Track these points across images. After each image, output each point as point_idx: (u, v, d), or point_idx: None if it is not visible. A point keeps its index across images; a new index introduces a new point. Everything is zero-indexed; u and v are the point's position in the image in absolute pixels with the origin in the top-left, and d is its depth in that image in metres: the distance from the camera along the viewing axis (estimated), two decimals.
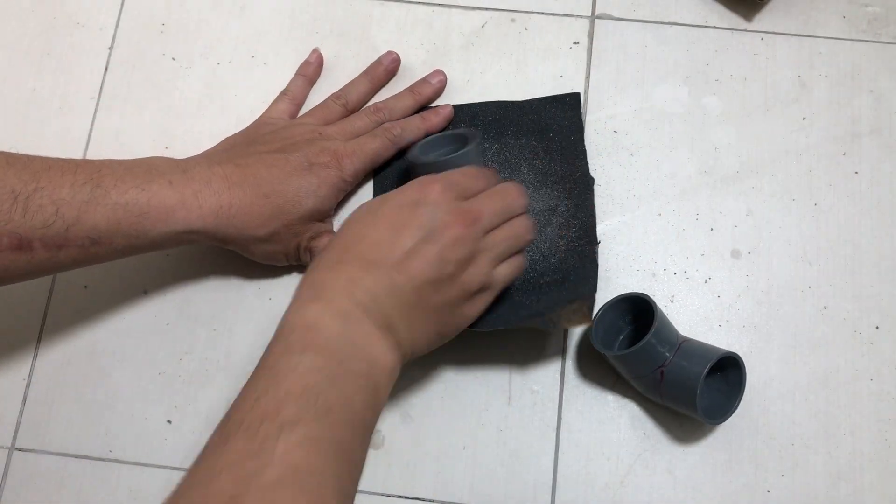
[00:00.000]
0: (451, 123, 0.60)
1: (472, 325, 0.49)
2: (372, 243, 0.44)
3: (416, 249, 0.43)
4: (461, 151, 0.52)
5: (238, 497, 0.34)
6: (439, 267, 0.44)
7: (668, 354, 0.50)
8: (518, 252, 0.49)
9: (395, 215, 0.45)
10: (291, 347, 0.40)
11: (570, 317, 0.51)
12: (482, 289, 0.47)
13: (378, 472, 0.54)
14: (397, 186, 0.54)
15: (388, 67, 0.61)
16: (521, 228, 0.49)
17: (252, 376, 0.40)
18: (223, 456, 0.36)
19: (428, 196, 0.45)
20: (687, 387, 0.49)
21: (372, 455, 0.54)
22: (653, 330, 0.49)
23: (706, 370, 0.48)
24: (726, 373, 0.52)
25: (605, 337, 0.53)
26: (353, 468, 0.39)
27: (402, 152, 0.58)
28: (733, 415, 0.51)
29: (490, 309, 0.50)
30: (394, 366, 0.43)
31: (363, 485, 0.53)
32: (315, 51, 0.62)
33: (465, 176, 0.49)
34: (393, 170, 0.59)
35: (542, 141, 0.59)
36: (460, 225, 0.44)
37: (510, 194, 0.49)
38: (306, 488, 0.35)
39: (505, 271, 0.48)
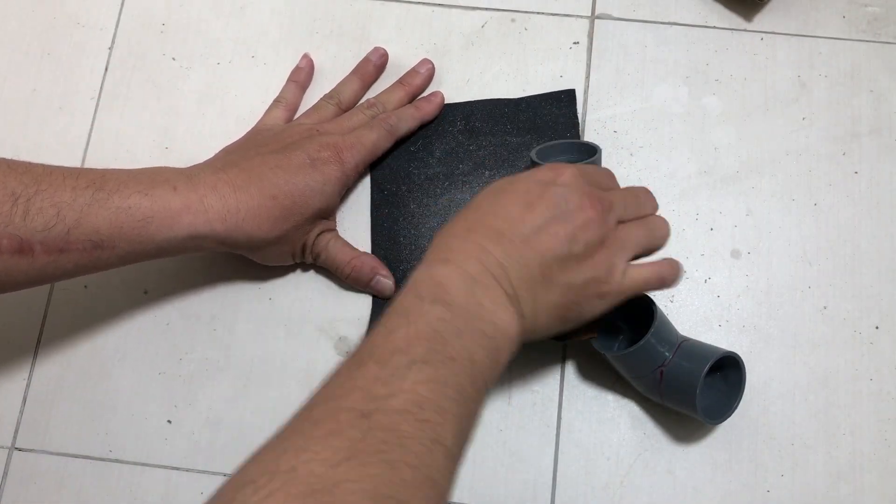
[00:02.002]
0: (448, 123, 0.60)
1: None
2: (503, 217, 0.44)
3: (546, 226, 0.44)
4: (586, 160, 0.52)
5: (369, 414, 0.35)
6: (568, 246, 0.43)
7: (667, 354, 0.50)
8: (650, 255, 0.48)
9: (527, 192, 0.45)
10: (422, 296, 0.41)
11: (577, 330, 0.51)
12: (611, 281, 0.45)
13: None
14: (395, 180, 0.55)
15: (377, 63, 0.61)
16: (657, 224, 0.48)
17: (384, 316, 0.41)
18: (355, 378, 0.37)
19: (560, 177, 0.45)
20: (687, 387, 0.49)
21: None
22: (652, 330, 0.49)
23: (706, 370, 0.48)
24: (726, 373, 0.52)
25: (604, 337, 0.53)
26: (470, 417, 0.40)
27: (398, 143, 0.59)
28: (733, 415, 0.51)
29: None
30: (515, 334, 0.43)
31: None
32: (305, 56, 0.62)
33: (597, 170, 0.49)
34: (390, 163, 0.59)
35: (537, 137, 0.59)
36: (592, 208, 0.44)
37: (642, 193, 0.49)
38: (428, 421, 0.37)
39: (640, 274, 0.46)
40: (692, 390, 0.48)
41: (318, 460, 0.33)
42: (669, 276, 0.48)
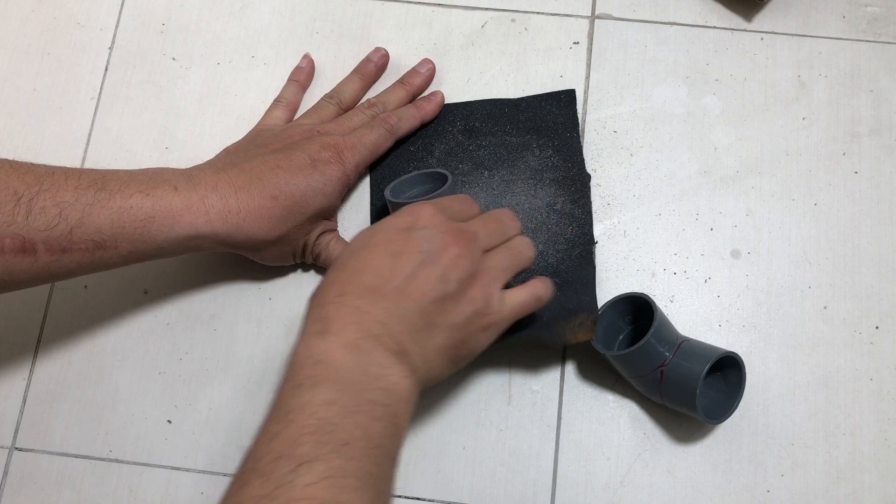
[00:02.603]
0: (447, 123, 0.60)
1: None
2: (372, 272, 0.43)
3: (416, 272, 0.43)
4: (439, 190, 0.52)
5: None
6: (442, 287, 0.43)
7: (667, 354, 0.50)
8: (519, 277, 0.48)
9: (390, 242, 0.44)
10: (302, 384, 0.39)
11: (574, 331, 0.51)
12: (491, 312, 0.45)
13: None
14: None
15: (377, 64, 0.62)
16: (521, 247, 0.48)
17: (265, 419, 0.39)
18: (241, 499, 0.35)
19: (420, 220, 0.45)
20: (687, 386, 0.49)
21: None
22: (652, 329, 0.49)
23: (706, 370, 0.48)
24: (726, 373, 0.52)
25: (604, 337, 0.53)
26: (378, 495, 0.38)
27: (398, 143, 0.59)
28: (733, 415, 0.51)
29: None
30: (410, 392, 0.42)
31: None
32: (306, 56, 0.62)
33: (455, 201, 0.48)
34: (390, 163, 0.59)
35: (537, 137, 0.59)
36: (456, 244, 0.44)
37: (503, 216, 0.49)
38: None
39: (517, 297, 0.47)
40: (692, 390, 0.48)
41: None
42: (544, 293, 0.48)
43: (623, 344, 0.54)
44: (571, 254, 0.55)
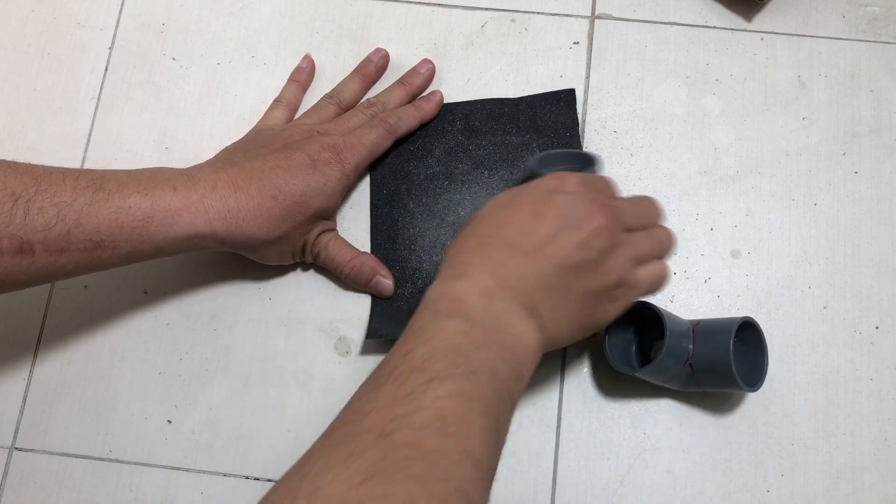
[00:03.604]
0: (447, 122, 0.60)
1: None
2: (515, 229, 0.44)
3: (558, 235, 0.44)
4: (587, 169, 0.52)
5: (390, 433, 0.35)
6: (582, 253, 0.43)
7: (689, 347, 0.50)
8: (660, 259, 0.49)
9: (534, 203, 0.45)
10: (439, 312, 0.41)
11: None
12: (623, 286, 0.46)
13: None
14: (395, 179, 0.55)
15: (378, 64, 0.62)
16: (663, 235, 0.49)
17: (400, 338, 0.41)
18: (374, 400, 0.37)
19: (565, 186, 0.45)
20: (721, 369, 0.48)
21: None
22: (666, 337, 0.49)
23: (731, 349, 0.48)
24: (741, 335, 0.51)
25: (620, 356, 0.52)
26: (498, 428, 0.39)
27: (397, 143, 0.59)
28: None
29: None
30: (537, 346, 0.43)
31: None
32: (307, 56, 0.62)
33: (601, 179, 0.49)
34: (390, 162, 0.59)
35: (537, 137, 0.59)
36: (602, 215, 0.44)
37: (650, 203, 0.49)
38: (453, 434, 0.36)
39: (649, 273, 0.47)
40: (727, 371, 0.48)
41: (340, 481, 0.33)
42: (668, 273, 0.49)
43: (637, 354, 0.54)
44: None
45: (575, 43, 0.62)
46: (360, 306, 0.57)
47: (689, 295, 0.56)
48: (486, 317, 0.41)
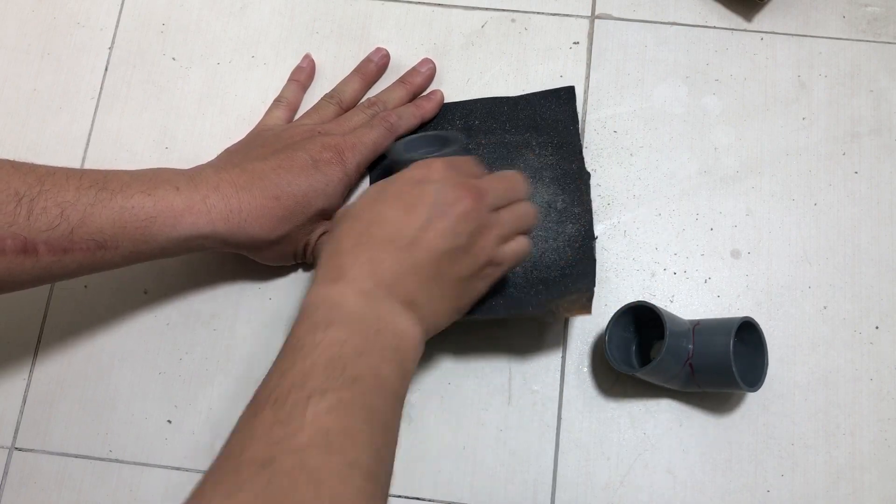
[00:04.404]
0: (446, 122, 0.60)
1: (471, 312, 0.49)
2: (388, 224, 0.45)
3: (429, 225, 0.44)
4: (448, 149, 0.52)
5: (270, 461, 0.35)
6: (453, 240, 0.44)
7: (689, 346, 0.50)
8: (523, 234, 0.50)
9: (403, 195, 0.46)
10: (316, 324, 0.41)
11: (569, 307, 0.51)
12: (491, 264, 0.47)
13: None
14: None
15: (378, 64, 0.62)
16: (525, 210, 0.50)
17: (279, 355, 0.41)
18: (254, 428, 0.37)
19: (432, 174, 0.46)
20: (721, 369, 0.49)
21: None
22: (666, 337, 0.49)
23: (731, 347, 0.48)
24: (741, 336, 0.51)
25: (620, 356, 0.53)
26: (386, 433, 0.39)
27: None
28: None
29: (489, 298, 0.50)
30: (419, 339, 0.44)
31: None
32: (307, 56, 0.62)
33: (465, 161, 0.49)
34: (388, 162, 0.59)
35: (536, 135, 0.59)
36: (468, 199, 0.45)
37: (513, 178, 0.50)
38: (338, 449, 0.36)
39: (512, 248, 0.48)
40: (727, 371, 0.48)
41: None
42: (529, 247, 0.50)
43: (637, 354, 0.54)
44: (572, 250, 0.55)
45: (575, 43, 0.62)
46: None
47: (689, 295, 0.56)
48: (365, 319, 0.41)
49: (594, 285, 0.52)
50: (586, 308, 0.51)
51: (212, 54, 0.64)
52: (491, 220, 0.47)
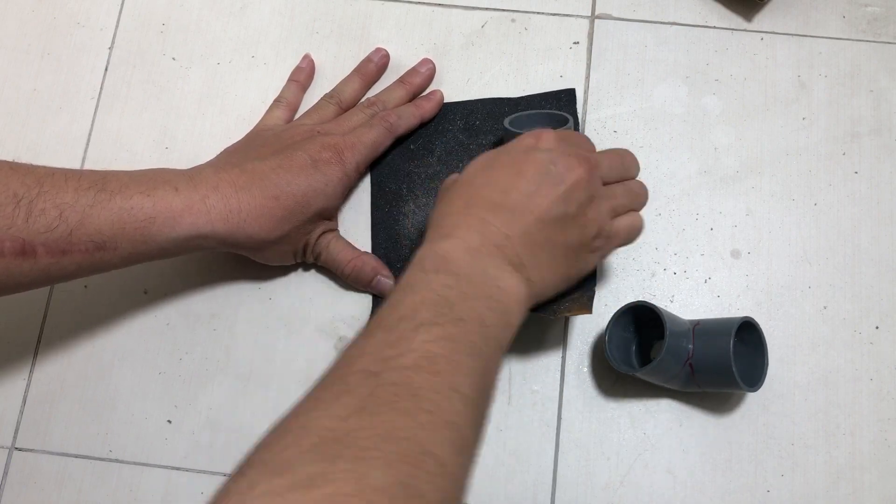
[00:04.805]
0: (447, 122, 0.60)
1: None
2: (497, 188, 0.45)
3: (539, 191, 0.45)
4: (561, 128, 0.52)
5: (377, 374, 0.36)
6: (564, 206, 0.45)
7: (689, 346, 0.50)
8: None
9: (514, 162, 0.46)
10: (426, 269, 0.42)
11: (570, 306, 0.51)
12: (601, 236, 0.47)
13: None
14: (395, 179, 0.55)
15: (378, 64, 0.62)
16: (638, 187, 0.50)
17: (390, 294, 0.42)
18: (364, 346, 0.38)
19: (542, 142, 0.46)
20: (720, 370, 0.49)
21: None
22: (666, 337, 0.49)
23: (731, 350, 0.48)
24: (741, 336, 0.51)
25: (620, 356, 0.53)
26: (486, 371, 0.40)
27: (398, 142, 0.59)
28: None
29: None
30: (524, 298, 0.44)
31: None
32: (306, 56, 0.62)
33: (577, 134, 0.50)
34: (390, 162, 0.59)
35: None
36: (580, 169, 0.45)
37: (627, 156, 0.50)
38: (441, 371, 0.37)
39: (625, 223, 0.49)
40: (727, 370, 0.48)
41: (328, 415, 0.34)
42: (642, 224, 0.51)
43: (637, 354, 0.54)
44: None
45: (575, 43, 0.62)
46: (360, 306, 0.57)
47: (689, 295, 0.56)
48: (471, 272, 0.42)
49: (595, 285, 0.52)
50: (587, 307, 0.51)
51: (212, 54, 0.64)
52: (602, 192, 0.47)
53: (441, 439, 0.34)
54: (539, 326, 0.56)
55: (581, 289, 0.51)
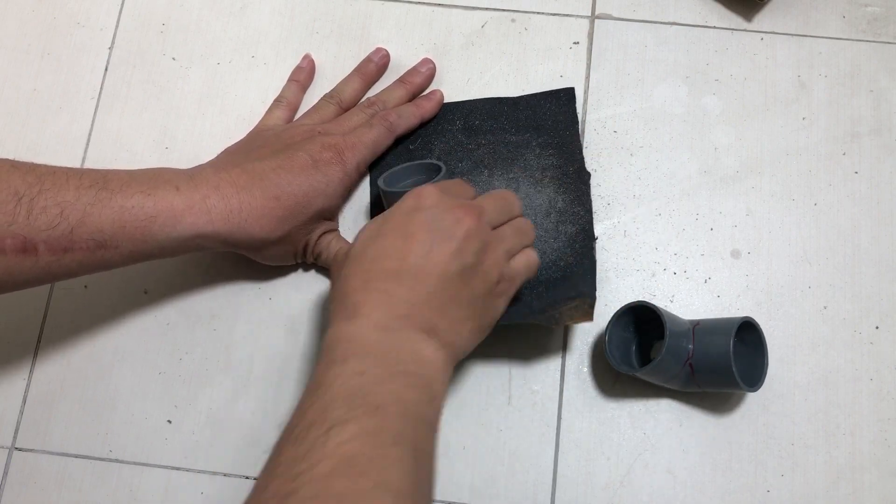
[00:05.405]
0: (446, 121, 0.60)
1: None
2: (391, 256, 0.44)
3: (433, 249, 0.44)
4: (435, 179, 0.52)
5: (292, 493, 0.34)
6: (461, 259, 0.44)
7: (689, 346, 0.50)
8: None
9: (401, 226, 0.45)
10: (334, 360, 0.40)
11: (571, 314, 0.51)
12: (503, 280, 0.47)
13: None
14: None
15: (378, 64, 0.62)
16: (524, 225, 0.49)
17: (300, 398, 0.40)
18: (275, 467, 0.36)
19: (424, 200, 0.45)
20: (720, 370, 0.49)
21: None
22: (666, 337, 0.49)
23: (731, 350, 0.48)
24: (741, 336, 0.51)
25: (620, 356, 0.53)
26: (418, 458, 0.38)
27: (398, 141, 0.59)
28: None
29: None
30: (444, 363, 0.43)
31: None
32: (307, 56, 0.62)
33: (453, 183, 0.49)
34: (390, 162, 0.59)
35: (537, 136, 0.59)
36: (467, 218, 0.45)
37: (506, 195, 0.50)
38: (363, 472, 0.35)
39: (522, 261, 0.48)
40: (727, 370, 0.48)
41: None
42: (536, 259, 0.50)
43: (637, 354, 0.54)
44: (572, 250, 0.55)
45: (575, 43, 0.62)
46: None
47: (689, 295, 0.56)
48: (383, 350, 0.41)
49: (595, 291, 0.52)
50: (588, 315, 0.51)
51: (212, 54, 0.64)
52: (494, 237, 0.46)
53: None
54: (539, 328, 0.56)
55: (582, 295, 0.51)
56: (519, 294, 0.54)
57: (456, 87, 0.62)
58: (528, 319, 0.52)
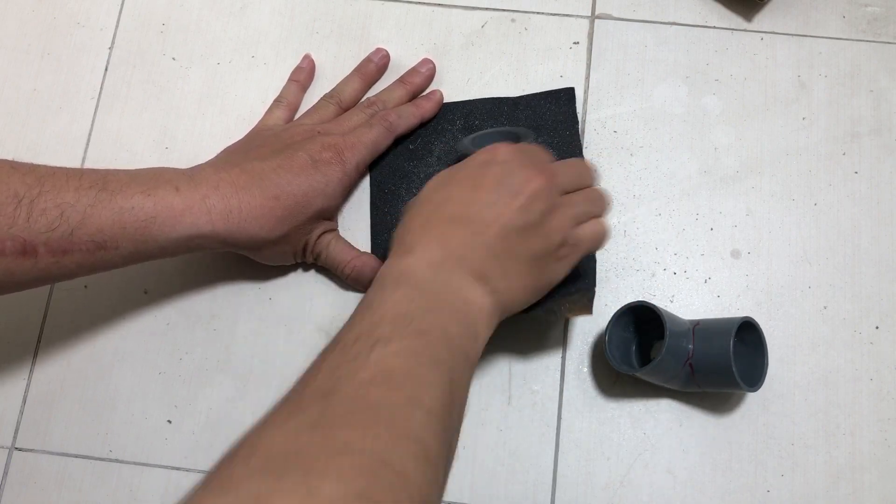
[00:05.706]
0: (446, 122, 0.60)
1: None
2: (456, 202, 0.45)
3: (498, 202, 0.45)
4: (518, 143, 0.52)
5: (332, 392, 0.35)
6: (524, 217, 0.44)
7: (689, 346, 0.50)
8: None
9: (471, 176, 0.46)
10: (385, 285, 0.42)
11: (571, 307, 0.51)
12: (566, 244, 0.47)
13: None
14: (395, 179, 0.55)
15: (378, 64, 0.62)
16: (598, 195, 0.50)
17: (350, 316, 0.41)
18: (319, 367, 0.38)
19: (498, 155, 0.47)
20: (721, 369, 0.49)
21: None
22: (666, 337, 0.49)
23: (731, 350, 0.48)
24: (740, 336, 0.51)
25: (620, 356, 0.53)
26: (453, 385, 0.39)
27: (397, 142, 0.59)
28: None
29: None
30: (491, 310, 0.44)
31: None
32: (307, 56, 0.62)
33: (532, 147, 0.50)
34: (389, 162, 0.59)
35: (537, 136, 0.59)
36: (538, 179, 0.45)
37: (583, 165, 0.50)
38: (399, 385, 0.36)
39: (589, 230, 0.48)
40: (728, 371, 0.48)
41: (279, 434, 0.33)
42: (608, 230, 0.50)
43: (637, 353, 0.54)
44: None
45: (575, 43, 0.62)
46: None
47: (689, 295, 0.56)
48: (433, 285, 0.42)
49: (595, 285, 0.52)
50: (587, 308, 0.51)
51: (212, 54, 0.64)
52: (563, 201, 0.47)
53: (402, 452, 0.34)
54: (539, 327, 0.56)
55: (581, 289, 0.51)
56: None
57: (456, 87, 0.62)
58: (527, 313, 0.52)
